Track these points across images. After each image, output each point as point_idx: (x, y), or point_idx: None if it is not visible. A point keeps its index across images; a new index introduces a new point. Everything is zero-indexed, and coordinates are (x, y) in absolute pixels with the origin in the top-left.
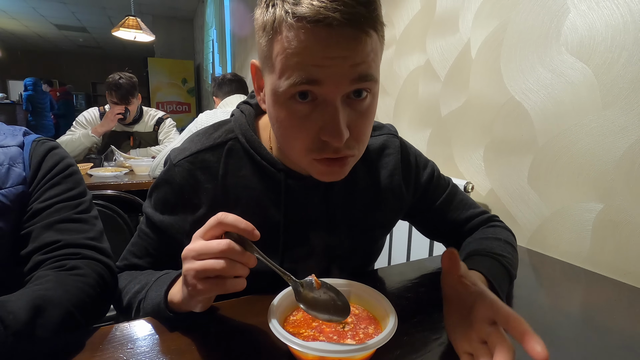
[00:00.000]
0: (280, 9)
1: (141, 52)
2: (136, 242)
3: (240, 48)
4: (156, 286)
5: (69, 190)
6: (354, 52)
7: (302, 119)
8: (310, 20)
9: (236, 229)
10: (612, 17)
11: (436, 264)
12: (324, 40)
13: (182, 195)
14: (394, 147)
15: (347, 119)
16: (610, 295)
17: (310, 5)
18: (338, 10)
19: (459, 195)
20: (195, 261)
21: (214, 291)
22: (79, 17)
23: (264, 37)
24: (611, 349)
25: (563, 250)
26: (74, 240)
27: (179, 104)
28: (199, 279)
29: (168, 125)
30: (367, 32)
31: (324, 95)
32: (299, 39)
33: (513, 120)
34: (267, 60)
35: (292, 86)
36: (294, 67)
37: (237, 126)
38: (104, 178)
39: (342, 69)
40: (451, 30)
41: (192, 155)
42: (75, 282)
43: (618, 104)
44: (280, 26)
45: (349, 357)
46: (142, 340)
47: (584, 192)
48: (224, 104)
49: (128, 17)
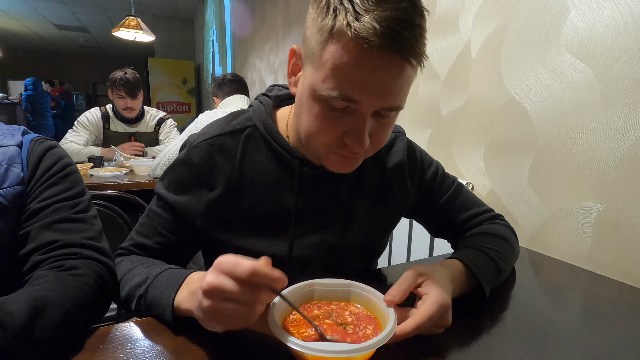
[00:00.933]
0: (342, 18)
1: (141, 52)
2: (145, 222)
3: (240, 48)
4: (159, 285)
5: (67, 190)
6: (395, 81)
7: (332, 119)
8: (368, 42)
9: (269, 280)
10: (613, 18)
11: None
12: (373, 63)
13: (199, 175)
14: (402, 145)
15: (370, 128)
16: (610, 295)
17: (372, 27)
18: (393, 39)
19: (463, 194)
20: (219, 302)
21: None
22: (80, 17)
23: (318, 36)
24: (612, 350)
25: (563, 250)
26: (72, 240)
27: (179, 104)
28: (217, 320)
29: (169, 126)
30: (412, 64)
31: (357, 109)
32: (352, 55)
33: (513, 120)
34: (313, 57)
35: (331, 97)
36: (338, 81)
37: (255, 115)
38: (104, 178)
39: (380, 95)
40: (451, 31)
41: (212, 138)
42: (74, 282)
43: (618, 105)
44: (338, 35)
45: (349, 357)
46: (142, 341)
47: (584, 192)
48: (224, 104)
49: (128, 17)
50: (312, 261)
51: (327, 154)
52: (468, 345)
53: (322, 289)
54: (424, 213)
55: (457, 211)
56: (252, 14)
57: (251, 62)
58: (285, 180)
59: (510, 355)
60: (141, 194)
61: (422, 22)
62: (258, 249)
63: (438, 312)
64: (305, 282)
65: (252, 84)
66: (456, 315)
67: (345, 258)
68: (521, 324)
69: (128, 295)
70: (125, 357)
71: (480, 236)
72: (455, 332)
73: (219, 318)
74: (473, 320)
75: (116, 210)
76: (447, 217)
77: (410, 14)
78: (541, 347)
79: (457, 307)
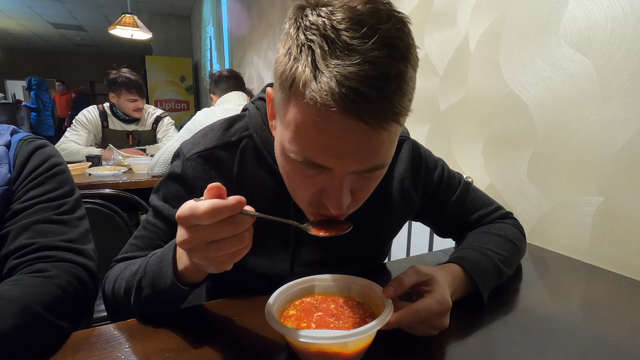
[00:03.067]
0: (300, 72)
1: (139, 50)
2: (141, 235)
3: (237, 45)
4: (155, 260)
5: (52, 191)
6: (368, 145)
7: (306, 178)
8: (327, 107)
9: (230, 210)
10: (612, 9)
11: (436, 259)
12: (337, 130)
13: (194, 189)
14: (406, 151)
15: (352, 185)
16: (610, 288)
17: (329, 89)
18: (357, 103)
19: (470, 194)
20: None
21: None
22: (76, 15)
23: (280, 90)
24: (612, 342)
25: (563, 243)
26: (48, 243)
27: (178, 101)
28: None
29: (166, 124)
30: (386, 129)
31: (331, 171)
32: (312, 120)
33: (512, 113)
34: (280, 112)
35: (299, 162)
36: (303, 147)
37: (252, 124)
38: (102, 177)
39: (352, 160)
40: (449, 24)
41: (207, 150)
42: (36, 280)
43: (618, 97)
44: (296, 94)
45: (344, 343)
46: (139, 339)
47: (584, 185)
48: (222, 101)
49: (125, 15)
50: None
51: (309, 212)
52: (468, 340)
53: (322, 284)
54: (430, 216)
55: (465, 213)
56: (248, 10)
57: (249, 58)
58: (283, 196)
59: (510, 349)
60: (140, 192)
61: (404, 69)
62: (257, 267)
63: (437, 309)
64: (305, 277)
65: (250, 80)
66: (455, 309)
67: (347, 269)
68: (521, 318)
69: (127, 287)
70: (123, 357)
71: (485, 236)
72: (456, 326)
73: (216, 262)
74: (473, 315)
75: (115, 209)
76: (455, 219)
77: (384, 65)
78: (541, 340)
79: (456, 303)
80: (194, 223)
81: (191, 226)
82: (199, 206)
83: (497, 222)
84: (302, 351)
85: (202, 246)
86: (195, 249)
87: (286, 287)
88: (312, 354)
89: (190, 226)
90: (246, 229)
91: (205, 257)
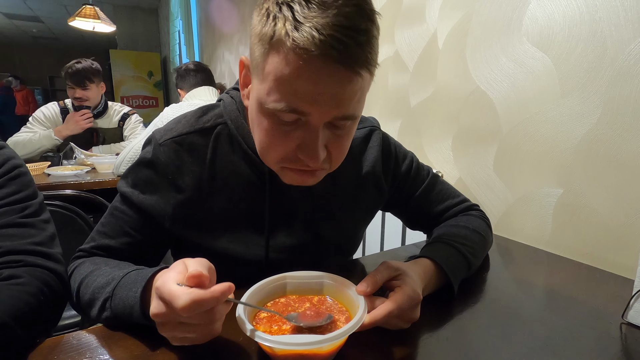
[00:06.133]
0: (281, 26)
1: (103, 43)
2: (108, 221)
3: (208, 39)
4: (126, 285)
5: (14, 193)
6: (343, 90)
7: (283, 133)
8: (308, 52)
9: (213, 302)
10: (569, 8)
11: (409, 253)
12: (316, 74)
13: (166, 175)
14: (376, 140)
15: (326, 140)
16: (570, 275)
17: (311, 36)
18: (335, 48)
19: (438, 186)
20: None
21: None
22: (31, 5)
23: (259, 46)
24: (572, 326)
25: (527, 234)
26: (16, 247)
27: (146, 98)
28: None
29: (134, 122)
30: (360, 74)
31: (307, 120)
32: (293, 67)
33: (479, 109)
34: (257, 69)
35: (278, 110)
36: (283, 94)
37: (226, 112)
38: (63, 177)
39: (329, 106)
40: (418, 21)
41: (180, 136)
42: (11, 291)
43: (575, 93)
44: (277, 45)
45: (318, 348)
46: (108, 345)
47: (546, 177)
48: (190, 96)
49: (85, 6)
50: (289, 263)
51: (281, 170)
52: (439, 331)
53: (294, 282)
54: (399, 206)
55: (432, 203)
56: (219, 4)
57: (220, 54)
58: (257, 183)
59: (480, 338)
60: (104, 193)
61: (371, 27)
62: (232, 253)
63: (408, 303)
64: (277, 275)
65: (221, 76)
66: (426, 301)
67: (322, 257)
68: (489, 307)
69: (90, 299)
70: None
71: (453, 229)
72: (426, 317)
73: (179, 340)
74: (443, 306)
75: (76, 212)
76: (422, 209)
77: (355, 19)
78: (508, 327)
79: (426, 295)
80: (172, 307)
81: (168, 305)
82: (179, 298)
83: (464, 214)
84: (275, 356)
85: (173, 325)
86: (165, 324)
87: (258, 286)
88: (281, 357)
89: (168, 305)
90: (214, 320)
91: (171, 334)
